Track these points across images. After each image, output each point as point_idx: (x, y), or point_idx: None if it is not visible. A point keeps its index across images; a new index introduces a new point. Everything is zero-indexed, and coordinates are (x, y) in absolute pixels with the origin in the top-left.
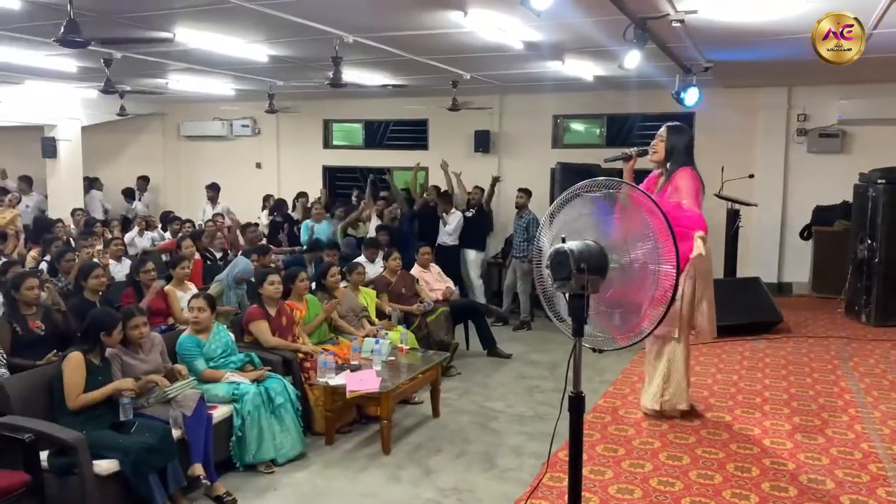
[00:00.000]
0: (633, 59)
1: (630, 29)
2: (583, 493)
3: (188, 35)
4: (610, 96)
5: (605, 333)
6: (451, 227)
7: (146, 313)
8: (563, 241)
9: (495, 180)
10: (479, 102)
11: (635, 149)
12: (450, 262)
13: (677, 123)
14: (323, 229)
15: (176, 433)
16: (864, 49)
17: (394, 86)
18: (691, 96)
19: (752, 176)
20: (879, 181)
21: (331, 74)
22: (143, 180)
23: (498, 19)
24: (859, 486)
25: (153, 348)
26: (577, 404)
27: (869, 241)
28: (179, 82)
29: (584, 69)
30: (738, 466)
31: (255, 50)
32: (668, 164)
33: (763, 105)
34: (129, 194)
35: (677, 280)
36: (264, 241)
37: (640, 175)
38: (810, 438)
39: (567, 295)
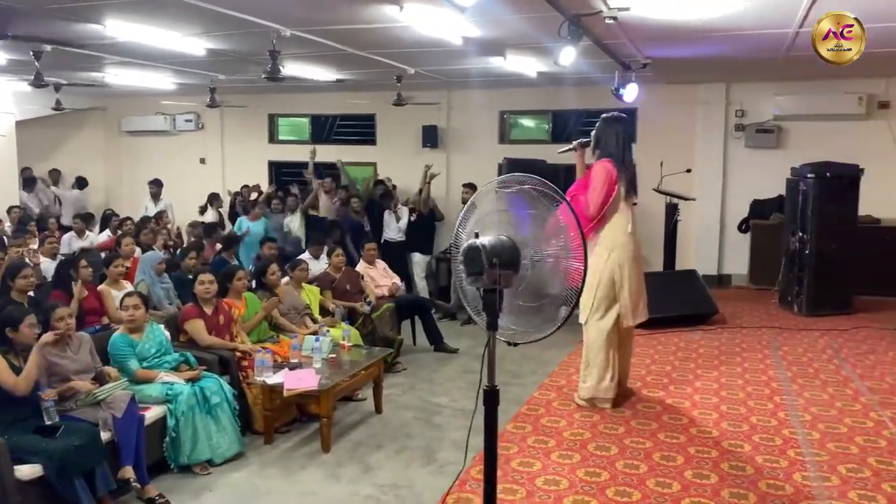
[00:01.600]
0: (568, 56)
1: (564, 26)
2: (510, 486)
3: (119, 28)
4: (554, 93)
5: (518, 327)
6: (403, 221)
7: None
8: (477, 236)
9: (429, 174)
10: (426, 98)
11: (578, 141)
12: (397, 258)
13: (612, 114)
14: (256, 228)
15: (105, 435)
16: (793, 46)
17: (337, 80)
18: (630, 92)
19: (689, 171)
20: (809, 175)
21: (268, 68)
22: (56, 172)
23: (434, 14)
24: (777, 471)
25: (82, 347)
26: (491, 398)
27: (800, 234)
28: (117, 76)
29: (526, 65)
30: (664, 455)
31: (192, 43)
32: (596, 153)
33: (702, 101)
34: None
35: (584, 275)
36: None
37: None
38: (735, 427)
39: (481, 290)
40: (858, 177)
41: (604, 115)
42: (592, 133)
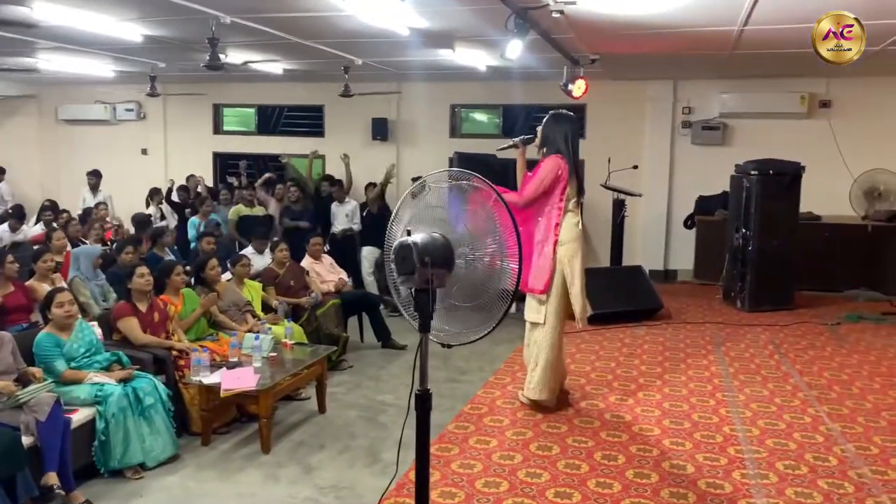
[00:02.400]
0: (515, 49)
1: (511, 19)
2: (449, 489)
3: (48, 11)
4: (505, 87)
5: (452, 327)
6: (357, 222)
7: None
8: (409, 233)
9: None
10: (377, 89)
11: (520, 137)
12: (349, 251)
13: (560, 112)
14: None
15: (27, 440)
16: (738, 45)
17: (284, 70)
18: (578, 88)
19: (636, 167)
20: (753, 172)
21: (207, 56)
22: None
23: (377, 3)
24: (717, 470)
25: (3, 347)
26: (422, 402)
27: (743, 230)
28: (50, 62)
29: (475, 58)
30: (605, 455)
31: (128, 29)
32: (543, 151)
33: (650, 98)
34: None
35: (519, 276)
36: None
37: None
38: (677, 424)
39: (413, 290)
40: (800, 174)
41: (552, 112)
42: (539, 129)
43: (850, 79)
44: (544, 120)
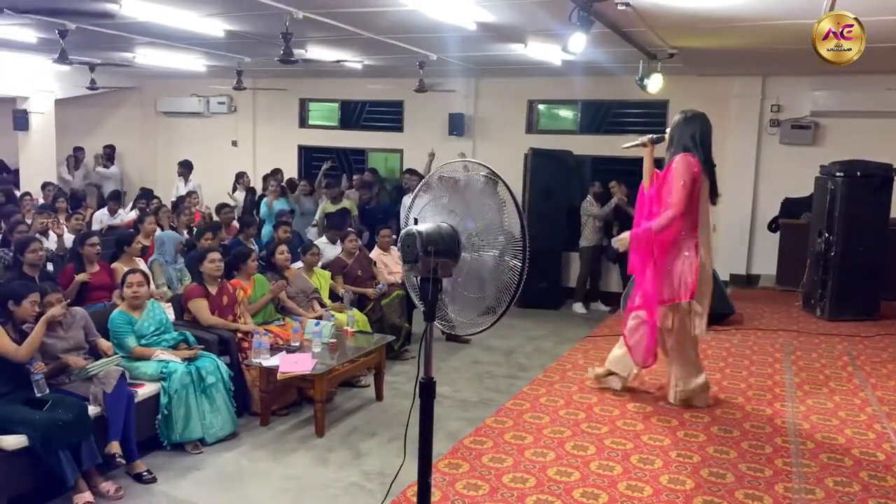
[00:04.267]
0: (578, 43)
1: (574, 12)
2: (475, 481)
3: (137, 7)
4: (584, 82)
5: (461, 317)
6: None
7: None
8: (416, 222)
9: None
10: (454, 85)
11: (651, 136)
12: None
13: (690, 112)
14: (277, 206)
15: (94, 410)
16: None
17: (364, 65)
18: (654, 83)
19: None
20: (838, 174)
21: (282, 51)
22: (110, 148)
23: None
24: (758, 481)
25: (75, 324)
26: (427, 390)
27: (826, 235)
28: (146, 56)
29: (549, 53)
30: (641, 458)
31: (210, 24)
32: (669, 150)
33: (737, 94)
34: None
35: (522, 275)
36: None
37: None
38: (725, 431)
39: (418, 278)
40: (892, 177)
41: (682, 113)
42: (667, 130)
43: None
44: (675, 119)
